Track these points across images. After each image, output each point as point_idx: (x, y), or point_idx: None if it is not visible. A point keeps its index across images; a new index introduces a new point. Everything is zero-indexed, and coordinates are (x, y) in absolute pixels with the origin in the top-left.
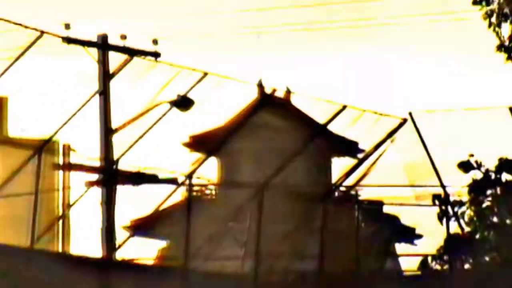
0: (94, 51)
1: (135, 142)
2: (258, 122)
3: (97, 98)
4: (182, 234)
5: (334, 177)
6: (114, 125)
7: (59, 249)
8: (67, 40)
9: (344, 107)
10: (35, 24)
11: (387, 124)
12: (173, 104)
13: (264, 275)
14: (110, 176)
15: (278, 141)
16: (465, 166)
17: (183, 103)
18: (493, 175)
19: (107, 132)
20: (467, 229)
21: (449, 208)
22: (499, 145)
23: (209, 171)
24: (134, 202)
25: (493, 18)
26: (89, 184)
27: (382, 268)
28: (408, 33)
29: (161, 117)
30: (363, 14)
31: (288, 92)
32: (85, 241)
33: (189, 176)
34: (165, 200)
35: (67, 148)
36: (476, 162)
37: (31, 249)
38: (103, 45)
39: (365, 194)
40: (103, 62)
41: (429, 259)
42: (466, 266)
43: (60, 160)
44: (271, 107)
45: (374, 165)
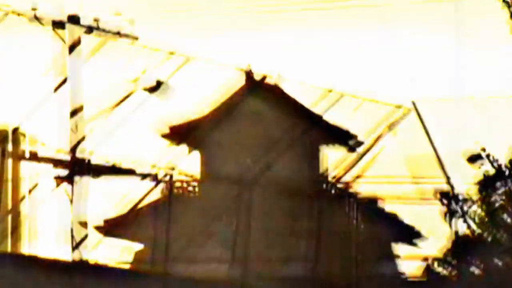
0: (64, 33)
1: (110, 133)
2: (246, 111)
3: (68, 84)
4: (162, 235)
5: (330, 172)
6: (87, 114)
7: (10, 249)
8: (36, 20)
9: (341, 95)
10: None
11: (388, 114)
12: (152, 91)
13: (253, 280)
14: (81, 171)
15: (268, 132)
16: (475, 160)
17: (163, 89)
18: (507, 171)
19: (79, 122)
20: (476, 230)
21: (456, 207)
22: None
23: (192, 165)
24: (108, 200)
25: None
26: (58, 179)
27: (382, 273)
28: (414, 11)
29: (139, 106)
30: None
31: (279, 78)
32: (52, 242)
33: (173, 171)
34: (143, 197)
35: (33, 139)
36: (488, 156)
37: None
38: (74, 26)
39: (363, 190)
40: (75, 45)
41: (434, 263)
42: (476, 271)
43: (26, 152)
44: (260, 94)
45: (374, 159)
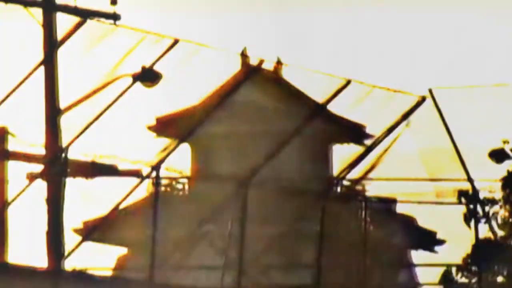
0: (38, 13)
1: (89, 125)
2: (241, 101)
3: (42, 70)
4: (147, 239)
5: (336, 169)
6: (63, 104)
7: None
8: None
9: (348, 82)
10: None
11: (402, 104)
12: (136, 78)
13: None
14: (57, 167)
15: (266, 124)
16: (498, 155)
17: (149, 76)
18: None
19: (53, 112)
20: (500, 233)
21: (478, 207)
22: None
23: (181, 160)
24: (87, 200)
25: None
26: (31, 177)
27: (395, 281)
28: None
29: (121, 94)
30: None
31: (279, 63)
32: (26, 247)
33: (156, 167)
34: (126, 196)
35: (4, 132)
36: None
37: None
38: (48, 5)
39: (374, 189)
40: (49, 26)
41: (453, 270)
42: (499, 278)
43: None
44: (257, 82)
45: (385, 153)
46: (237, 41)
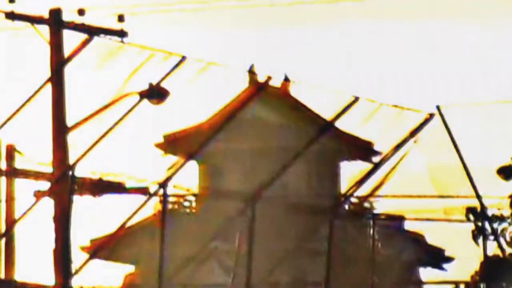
0: (45, 30)
1: (96, 143)
2: (249, 118)
3: (49, 88)
4: (154, 257)
5: (344, 186)
6: (70, 122)
7: (2, 274)
8: (12, 16)
9: (356, 99)
10: None
11: (410, 121)
12: (144, 95)
13: None
14: (65, 185)
15: (273, 141)
16: (507, 172)
17: (156, 94)
18: None
19: (61, 130)
20: (508, 249)
21: (486, 225)
22: None
23: (188, 178)
24: (95, 217)
25: None
26: (39, 195)
27: None
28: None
29: (129, 112)
30: None
31: (286, 80)
32: (34, 265)
33: (163, 185)
34: (133, 214)
35: (11, 150)
36: None
37: None
38: (55, 22)
39: (382, 207)
40: (56, 43)
41: (461, 287)
42: None
43: (2, 164)
44: (265, 99)
45: (393, 171)
46: (245, 58)
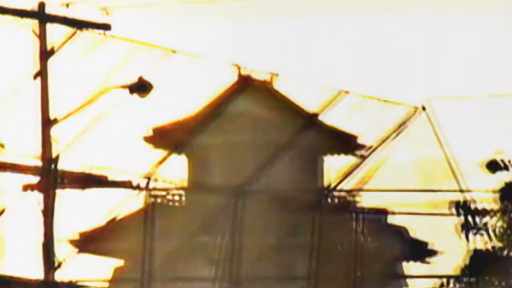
0: (29, 23)
1: (81, 136)
2: (235, 111)
3: (33, 81)
4: (141, 250)
5: (329, 180)
6: (55, 114)
7: None
8: None
9: (341, 93)
10: None
11: (396, 114)
12: (130, 88)
13: None
14: (49, 178)
15: (259, 135)
16: (493, 166)
17: (142, 87)
18: None
19: (45, 123)
20: (496, 244)
21: (473, 218)
22: None
23: (175, 171)
24: (80, 211)
25: None
26: (25, 188)
27: None
28: None
29: (115, 105)
30: None
31: (273, 74)
32: (20, 258)
33: (150, 178)
34: (119, 208)
35: None
36: (507, 162)
37: None
38: (40, 15)
39: (367, 200)
40: (41, 36)
41: (449, 282)
42: None
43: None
44: (250, 93)
45: (380, 164)
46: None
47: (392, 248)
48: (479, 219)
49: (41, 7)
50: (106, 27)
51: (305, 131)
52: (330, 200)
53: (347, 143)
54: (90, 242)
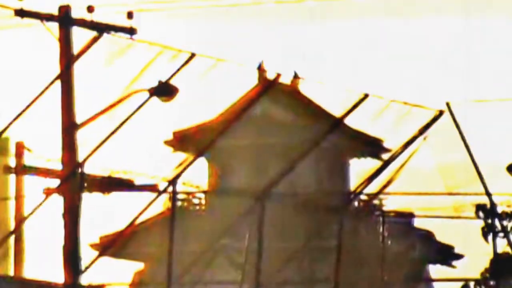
0: (54, 27)
1: (105, 140)
2: (258, 115)
3: (58, 85)
4: (164, 254)
5: (353, 183)
6: (79, 118)
7: (11, 272)
8: (21, 13)
9: (365, 96)
10: None
11: (419, 118)
12: (153, 92)
13: None
14: (74, 182)
15: (283, 138)
16: None
17: (166, 91)
18: None
19: (70, 127)
20: None
21: (496, 222)
22: None
23: (198, 175)
24: (104, 215)
25: None
26: (48, 192)
27: None
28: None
29: (138, 109)
30: None
31: (296, 77)
32: (43, 262)
33: (173, 182)
34: (143, 212)
35: (21, 147)
36: None
37: None
38: (65, 19)
39: (391, 204)
40: (65, 40)
41: (471, 284)
42: None
43: (12, 162)
44: (274, 97)
45: (402, 168)
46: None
47: (417, 251)
48: (502, 222)
49: (63, 11)
50: (131, 31)
51: (330, 135)
52: (356, 203)
53: (372, 146)
54: (112, 246)
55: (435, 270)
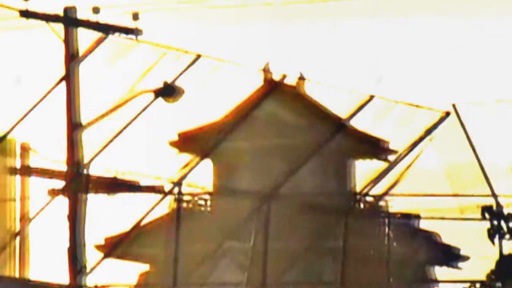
0: (59, 28)
1: (110, 141)
2: (263, 116)
3: (63, 86)
4: (169, 255)
5: (358, 185)
6: (84, 119)
7: (15, 273)
8: (26, 14)
9: (371, 98)
10: None
11: (425, 119)
12: (158, 93)
13: None
14: (78, 183)
15: (288, 140)
16: None
17: (170, 92)
18: None
19: (74, 128)
20: None
21: (502, 223)
22: None
23: (203, 176)
24: (109, 216)
25: None
26: (53, 193)
27: None
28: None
29: (143, 110)
30: None
31: (301, 78)
32: (47, 263)
33: (178, 183)
34: (148, 213)
35: (26, 148)
36: None
37: None
38: (70, 20)
39: (397, 205)
40: (70, 41)
41: (477, 286)
42: None
43: (17, 163)
44: (279, 98)
45: (408, 169)
46: (259, 56)
47: (422, 253)
48: (508, 224)
49: (67, 11)
50: (137, 32)
51: (334, 136)
52: (361, 205)
53: (377, 148)
54: (117, 247)
55: (441, 272)
